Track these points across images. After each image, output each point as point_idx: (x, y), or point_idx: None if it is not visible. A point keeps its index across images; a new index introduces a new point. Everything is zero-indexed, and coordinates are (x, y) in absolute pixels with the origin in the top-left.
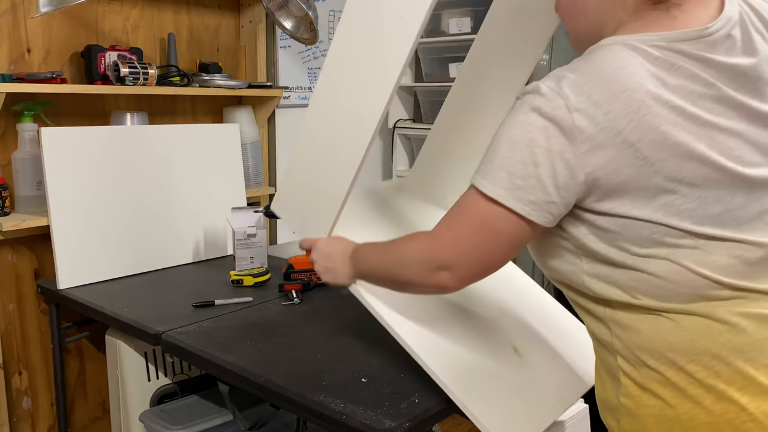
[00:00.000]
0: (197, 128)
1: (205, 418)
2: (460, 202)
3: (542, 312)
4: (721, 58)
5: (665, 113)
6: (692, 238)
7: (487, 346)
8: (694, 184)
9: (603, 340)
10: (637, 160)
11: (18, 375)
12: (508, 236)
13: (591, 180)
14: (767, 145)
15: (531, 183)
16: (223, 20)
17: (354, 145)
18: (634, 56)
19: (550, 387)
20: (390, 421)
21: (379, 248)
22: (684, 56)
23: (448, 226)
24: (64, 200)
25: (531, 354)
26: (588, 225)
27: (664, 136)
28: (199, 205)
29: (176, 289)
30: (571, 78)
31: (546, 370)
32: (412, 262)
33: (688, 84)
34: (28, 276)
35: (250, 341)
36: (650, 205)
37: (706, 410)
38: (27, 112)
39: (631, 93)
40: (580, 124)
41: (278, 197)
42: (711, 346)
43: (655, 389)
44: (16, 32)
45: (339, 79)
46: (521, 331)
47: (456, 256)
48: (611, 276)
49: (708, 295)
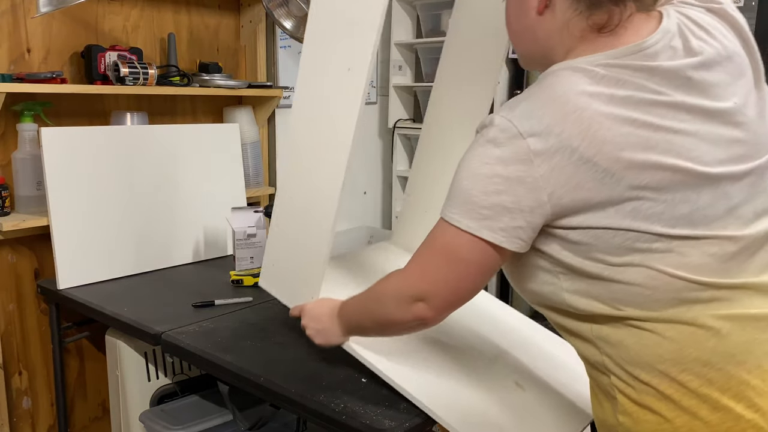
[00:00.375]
0: (197, 128)
1: (205, 418)
2: (430, 236)
3: (534, 343)
4: (665, 65)
5: (617, 126)
6: (664, 241)
7: (490, 384)
8: (658, 188)
9: (594, 360)
10: (597, 173)
11: (18, 375)
12: (477, 265)
13: (554, 199)
14: (726, 141)
15: (497, 211)
16: (223, 20)
17: (325, 204)
18: (582, 78)
19: (552, 417)
20: (390, 421)
21: (359, 296)
22: (629, 69)
23: (419, 259)
24: (64, 200)
25: (533, 387)
26: (560, 241)
27: (620, 147)
28: (199, 205)
29: (176, 289)
30: (523, 106)
31: (548, 401)
32: (388, 299)
33: (637, 94)
34: (28, 276)
35: (250, 341)
36: (618, 213)
37: (703, 421)
38: (27, 112)
39: (581, 112)
40: (535, 147)
41: (263, 273)
42: (700, 353)
43: (651, 404)
44: (16, 32)
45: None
46: (521, 367)
47: (429, 287)
48: (591, 290)
49: (688, 298)
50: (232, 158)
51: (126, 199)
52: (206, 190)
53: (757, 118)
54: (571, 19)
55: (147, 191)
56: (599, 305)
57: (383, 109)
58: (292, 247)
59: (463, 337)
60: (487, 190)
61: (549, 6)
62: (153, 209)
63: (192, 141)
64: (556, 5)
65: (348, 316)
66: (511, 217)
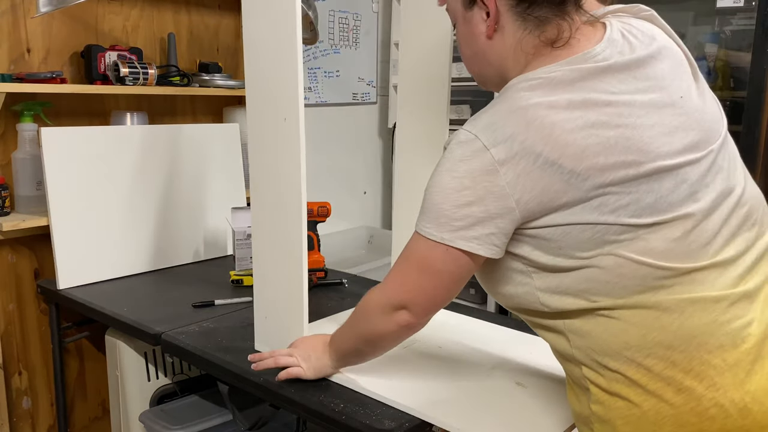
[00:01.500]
0: (197, 128)
1: (204, 418)
2: (406, 249)
3: (531, 351)
4: (615, 66)
5: (578, 129)
6: (632, 231)
7: (490, 386)
8: (622, 183)
9: (565, 353)
10: (562, 175)
11: (18, 375)
12: (451, 274)
13: (522, 204)
14: (681, 130)
15: (469, 222)
16: (223, 20)
17: (292, 232)
18: (539, 89)
19: (555, 410)
20: (390, 421)
21: (346, 322)
22: (582, 74)
23: (397, 272)
24: (64, 200)
25: (534, 386)
26: (531, 241)
27: (581, 148)
28: (199, 205)
29: (176, 289)
30: (485, 118)
31: (550, 396)
32: (372, 313)
33: (592, 96)
34: (28, 276)
35: (250, 341)
36: (584, 209)
37: (669, 403)
38: (27, 112)
39: (542, 119)
40: (499, 157)
41: (257, 336)
42: (664, 337)
43: (620, 391)
44: (16, 32)
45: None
46: (521, 370)
47: (408, 296)
48: (561, 284)
49: (653, 284)
50: (232, 158)
51: (126, 199)
52: (206, 190)
53: (703, 105)
54: (523, 39)
55: (147, 191)
56: (571, 300)
57: (383, 109)
58: (270, 289)
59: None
60: (457, 203)
61: (497, 30)
62: (153, 209)
63: (192, 141)
64: (505, 28)
65: (338, 342)
66: (483, 225)
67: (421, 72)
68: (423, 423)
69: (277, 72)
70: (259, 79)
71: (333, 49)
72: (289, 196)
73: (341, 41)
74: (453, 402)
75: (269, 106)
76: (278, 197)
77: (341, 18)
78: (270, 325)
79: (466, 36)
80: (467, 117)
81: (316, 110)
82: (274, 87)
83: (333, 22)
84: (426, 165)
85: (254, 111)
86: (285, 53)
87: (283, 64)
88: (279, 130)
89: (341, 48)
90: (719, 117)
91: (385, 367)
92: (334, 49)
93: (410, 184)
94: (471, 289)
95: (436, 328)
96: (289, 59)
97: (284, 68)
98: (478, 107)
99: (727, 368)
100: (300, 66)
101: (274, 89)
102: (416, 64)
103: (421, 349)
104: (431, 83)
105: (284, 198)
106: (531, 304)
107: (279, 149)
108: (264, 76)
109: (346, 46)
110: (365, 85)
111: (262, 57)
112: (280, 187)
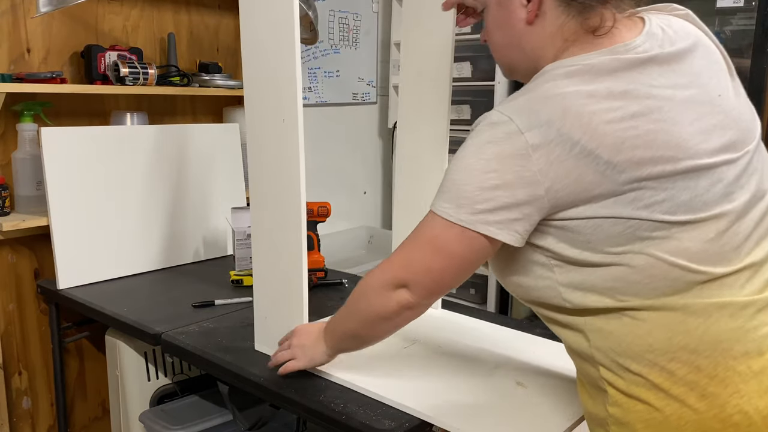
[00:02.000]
0: (197, 128)
1: (205, 418)
2: (417, 228)
3: (532, 350)
4: (656, 59)
5: (617, 119)
6: (665, 229)
7: (491, 387)
8: (658, 178)
9: (582, 352)
10: (598, 166)
11: (18, 375)
12: (463, 258)
13: (552, 193)
14: (719, 129)
15: (492, 205)
16: (223, 20)
17: (292, 232)
18: (578, 75)
19: (556, 409)
20: (390, 421)
21: (345, 304)
22: (623, 64)
23: (403, 250)
24: (64, 200)
25: (535, 385)
26: (557, 233)
27: (620, 139)
28: (199, 205)
29: (176, 289)
30: (520, 102)
31: (551, 395)
32: (370, 291)
33: (633, 88)
34: (28, 276)
35: (250, 341)
36: (618, 203)
37: (692, 408)
38: (27, 112)
39: (580, 108)
40: (534, 142)
41: (257, 336)
42: (689, 341)
43: (640, 394)
44: (16, 32)
45: (262, 202)
46: (521, 370)
47: (412, 276)
48: (587, 281)
49: (682, 286)
50: (232, 158)
51: (126, 199)
52: (206, 190)
53: (739, 105)
54: (565, 25)
55: (147, 191)
56: (595, 297)
57: (383, 109)
58: (270, 286)
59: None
60: (482, 186)
61: (539, 15)
62: (153, 209)
63: (192, 141)
64: (547, 14)
65: (334, 326)
66: (507, 210)
67: (421, 72)
68: (423, 423)
69: (275, 72)
70: (258, 79)
71: (333, 49)
72: (288, 196)
73: (341, 41)
74: (453, 402)
75: (268, 107)
76: (278, 197)
77: (341, 18)
78: (270, 325)
79: (500, 21)
80: (467, 117)
81: (316, 110)
82: (273, 87)
83: (333, 22)
84: (426, 165)
85: (253, 111)
86: (283, 53)
87: (282, 64)
88: (278, 130)
89: (341, 48)
90: (754, 118)
91: (385, 367)
92: (334, 49)
93: (410, 184)
94: (471, 289)
95: (436, 328)
96: (287, 59)
97: (283, 69)
98: (478, 107)
99: (752, 375)
100: (298, 66)
101: (272, 90)
102: (417, 64)
103: (421, 349)
104: (432, 83)
105: (284, 198)
106: (551, 299)
107: (278, 150)
108: (262, 77)
109: (346, 46)
110: (365, 85)
111: (261, 57)
112: (279, 188)
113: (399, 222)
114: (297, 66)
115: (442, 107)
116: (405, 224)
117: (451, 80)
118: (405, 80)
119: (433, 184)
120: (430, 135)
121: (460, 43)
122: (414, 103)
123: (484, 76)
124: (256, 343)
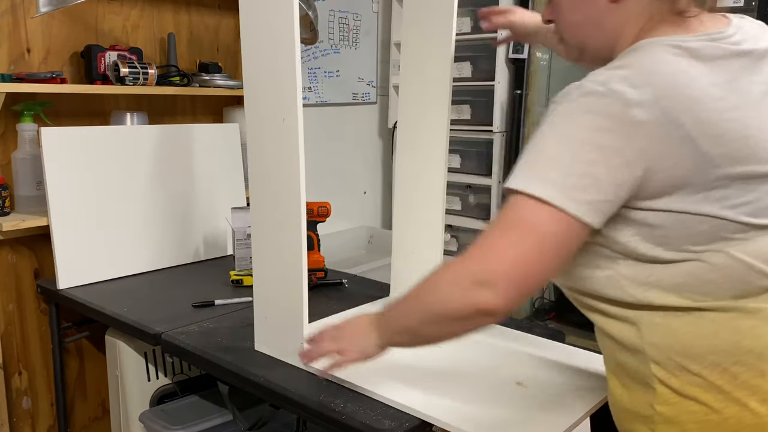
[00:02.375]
0: (197, 128)
1: (205, 418)
2: (498, 214)
3: (532, 351)
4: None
5: (720, 110)
6: (746, 231)
7: (491, 387)
8: (748, 179)
9: (631, 345)
10: (696, 155)
11: (18, 375)
12: (555, 244)
13: (650, 174)
14: None
15: (587, 182)
16: (223, 20)
17: (292, 232)
18: (682, 54)
19: (557, 408)
20: (390, 421)
21: (407, 292)
22: (725, 52)
23: (484, 239)
24: (64, 200)
25: (535, 385)
26: (633, 225)
27: (722, 131)
28: (199, 205)
29: (176, 289)
30: (624, 74)
31: (551, 395)
32: (443, 284)
33: (736, 79)
34: (28, 276)
35: (250, 341)
36: (707, 199)
37: (753, 412)
38: (27, 112)
39: (685, 89)
40: (641, 118)
41: (257, 336)
42: (756, 345)
43: (697, 394)
44: (16, 32)
45: (262, 202)
46: (522, 370)
47: (495, 267)
48: (653, 276)
49: (756, 291)
50: (232, 158)
51: (126, 199)
52: (206, 190)
53: None
54: (653, 3)
55: (147, 191)
56: (658, 293)
57: (383, 109)
58: (270, 286)
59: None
60: (578, 159)
61: None
62: (153, 209)
63: (192, 141)
64: None
65: (392, 315)
66: (601, 189)
67: (422, 72)
68: (423, 423)
69: (275, 72)
70: (258, 79)
71: (333, 49)
72: (288, 196)
73: (341, 41)
74: (453, 402)
75: (268, 107)
76: (277, 197)
77: (341, 18)
78: (270, 325)
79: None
80: (467, 117)
81: (316, 110)
82: (273, 87)
83: (333, 22)
84: (426, 165)
85: (253, 111)
86: (283, 54)
87: (282, 64)
88: (278, 130)
89: (341, 48)
90: None
91: (384, 367)
92: (334, 49)
93: (410, 184)
94: None
95: None
96: (287, 60)
97: (283, 69)
98: (478, 107)
99: None
100: (298, 66)
101: (272, 90)
102: (417, 63)
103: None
104: (432, 83)
105: (284, 198)
106: (610, 292)
107: (278, 150)
108: (262, 77)
109: (346, 46)
110: (365, 85)
111: (260, 57)
112: (279, 188)
113: (399, 222)
114: (297, 66)
115: (442, 107)
116: (405, 224)
117: (451, 80)
118: (405, 80)
119: (434, 184)
120: (430, 135)
121: (460, 43)
122: (414, 103)
123: (484, 76)
124: (256, 343)
